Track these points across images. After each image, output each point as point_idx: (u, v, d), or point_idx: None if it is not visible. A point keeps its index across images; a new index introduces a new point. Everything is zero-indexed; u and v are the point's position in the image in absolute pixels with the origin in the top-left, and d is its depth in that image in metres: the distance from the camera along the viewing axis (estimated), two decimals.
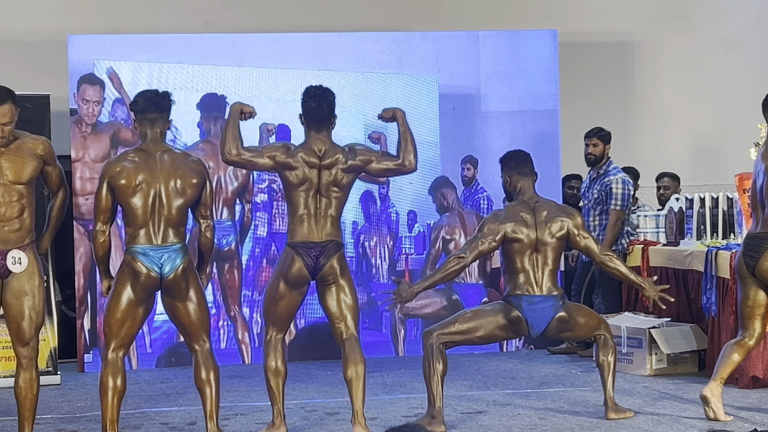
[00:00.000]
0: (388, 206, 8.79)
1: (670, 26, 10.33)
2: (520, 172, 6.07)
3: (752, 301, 5.88)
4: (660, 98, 10.29)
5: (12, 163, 5.33)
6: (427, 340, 5.92)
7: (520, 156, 6.13)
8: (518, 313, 5.90)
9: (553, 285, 5.97)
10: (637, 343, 7.48)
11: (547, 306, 5.91)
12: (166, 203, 5.35)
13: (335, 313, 5.69)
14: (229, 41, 8.69)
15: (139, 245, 5.32)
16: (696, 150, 10.29)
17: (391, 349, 8.67)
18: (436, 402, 5.84)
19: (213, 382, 5.49)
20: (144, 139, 5.49)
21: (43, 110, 7.86)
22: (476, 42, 8.93)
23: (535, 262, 5.95)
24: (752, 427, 5.63)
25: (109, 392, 5.29)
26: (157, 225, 5.35)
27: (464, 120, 8.84)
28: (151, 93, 5.57)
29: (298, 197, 5.66)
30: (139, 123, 5.49)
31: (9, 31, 9.33)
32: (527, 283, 5.93)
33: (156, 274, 5.29)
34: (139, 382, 7.67)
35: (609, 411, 6.00)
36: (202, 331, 5.47)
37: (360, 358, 5.59)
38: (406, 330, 8.70)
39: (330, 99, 5.71)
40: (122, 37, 8.63)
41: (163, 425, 6.16)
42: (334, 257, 5.62)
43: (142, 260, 5.28)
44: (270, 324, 5.75)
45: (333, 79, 8.28)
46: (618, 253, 8.21)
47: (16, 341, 5.34)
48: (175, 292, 5.37)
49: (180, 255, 5.34)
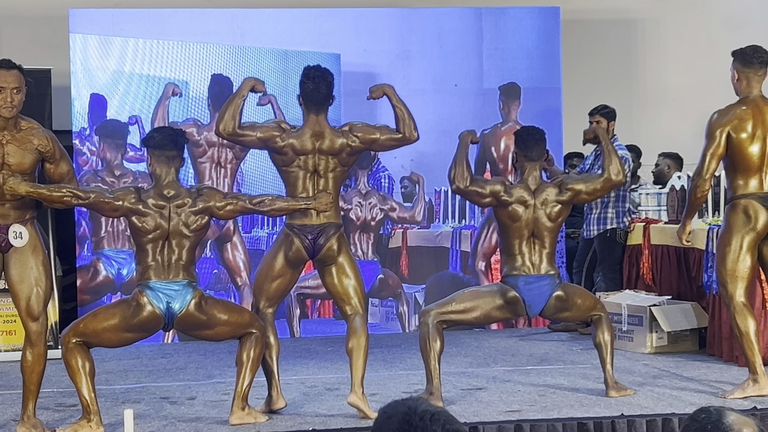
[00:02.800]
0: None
1: (674, 3, 10.29)
2: (528, 156, 6.05)
3: None
4: (663, 76, 10.26)
5: (15, 153, 5.30)
6: (424, 319, 5.93)
7: (531, 139, 6.05)
8: (515, 294, 5.90)
9: (550, 265, 5.97)
10: (637, 321, 7.49)
11: (544, 285, 5.91)
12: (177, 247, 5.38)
13: (338, 293, 5.70)
14: (231, 17, 8.66)
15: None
16: (698, 129, 10.23)
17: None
18: (434, 379, 5.85)
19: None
20: (157, 181, 5.38)
21: (45, 85, 7.84)
22: (479, 18, 8.90)
23: (533, 245, 5.96)
24: (752, 405, 5.64)
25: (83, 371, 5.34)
26: (166, 264, 5.37)
27: (466, 98, 8.82)
28: (167, 129, 5.55)
29: (295, 178, 5.64)
30: (156, 160, 5.39)
31: (10, 6, 9.30)
32: (524, 265, 5.93)
33: (162, 312, 5.32)
34: (140, 356, 7.68)
35: (609, 389, 6.01)
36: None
37: (363, 332, 5.61)
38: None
39: (329, 80, 5.67)
40: (124, 12, 8.60)
41: (163, 399, 6.17)
42: (333, 238, 5.62)
43: (151, 296, 5.33)
44: (263, 299, 5.75)
45: (331, 60, 8.26)
46: (620, 230, 8.22)
47: (26, 316, 5.33)
48: (188, 323, 5.44)
49: (190, 290, 5.36)
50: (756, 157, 5.95)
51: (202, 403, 6.06)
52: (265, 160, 7.93)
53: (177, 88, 8.35)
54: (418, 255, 8.81)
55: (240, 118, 5.58)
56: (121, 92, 8.42)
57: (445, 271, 8.78)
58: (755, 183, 5.96)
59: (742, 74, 6.04)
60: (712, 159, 5.99)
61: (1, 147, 5.30)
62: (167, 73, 8.43)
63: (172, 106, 8.39)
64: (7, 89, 5.24)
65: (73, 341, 5.32)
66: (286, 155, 5.63)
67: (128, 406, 5.78)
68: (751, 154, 5.95)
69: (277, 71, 8.49)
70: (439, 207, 8.83)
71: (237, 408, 5.45)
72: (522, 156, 6.06)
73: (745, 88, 6.04)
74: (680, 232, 6.27)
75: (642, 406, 5.75)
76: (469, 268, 8.72)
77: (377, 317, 8.69)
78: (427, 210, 8.80)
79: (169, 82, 8.37)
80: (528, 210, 5.94)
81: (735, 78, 6.09)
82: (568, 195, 6.02)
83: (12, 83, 5.26)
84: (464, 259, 8.79)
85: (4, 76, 5.26)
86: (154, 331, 5.44)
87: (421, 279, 8.78)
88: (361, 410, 5.52)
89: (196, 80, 8.48)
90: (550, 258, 5.99)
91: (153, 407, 5.97)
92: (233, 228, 8.47)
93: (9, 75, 5.27)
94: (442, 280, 8.67)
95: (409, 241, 8.79)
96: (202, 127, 8.39)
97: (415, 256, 8.80)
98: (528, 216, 5.94)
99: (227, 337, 5.55)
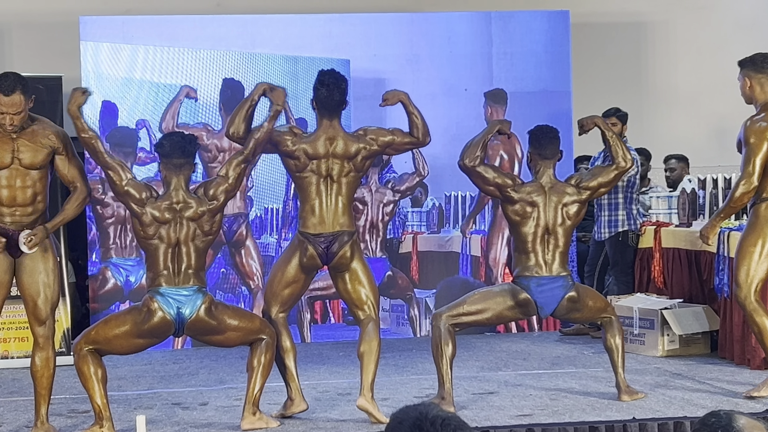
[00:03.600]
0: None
1: (684, 6, 10.28)
2: (542, 154, 6.04)
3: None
4: (673, 79, 10.25)
5: (27, 148, 5.34)
6: (436, 322, 5.93)
7: (545, 137, 6.06)
8: (527, 295, 5.90)
9: (562, 266, 5.95)
10: (649, 324, 7.47)
11: (557, 287, 5.91)
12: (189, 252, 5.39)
13: (351, 299, 5.72)
14: (241, 23, 8.68)
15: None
16: (709, 131, 10.25)
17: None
18: (446, 384, 5.85)
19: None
20: (167, 188, 5.40)
21: (56, 92, 7.87)
22: (489, 22, 8.91)
23: (546, 245, 5.94)
24: (765, 407, 5.63)
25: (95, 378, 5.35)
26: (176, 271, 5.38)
27: (476, 102, 8.82)
28: (177, 137, 5.49)
29: (308, 184, 5.66)
30: (165, 167, 5.42)
31: (22, 13, 9.34)
32: (536, 265, 5.92)
33: (172, 318, 5.33)
34: (152, 362, 7.70)
35: (622, 393, 6.00)
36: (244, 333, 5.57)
37: (375, 336, 5.63)
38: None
39: (342, 87, 5.69)
40: (134, 18, 8.63)
41: (175, 405, 6.19)
42: (346, 245, 5.63)
43: (161, 301, 5.35)
44: (277, 305, 5.76)
45: (342, 63, 8.27)
46: (631, 233, 8.21)
47: (33, 320, 5.37)
48: (200, 329, 5.44)
49: (200, 296, 5.36)
50: None
51: (214, 408, 6.07)
52: (276, 167, 8.00)
53: (193, 92, 8.38)
54: (428, 260, 8.81)
55: (250, 122, 5.61)
56: (131, 99, 8.44)
57: (456, 276, 8.78)
58: None
59: (754, 80, 6.05)
60: (762, 163, 5.96)
61: (12, 142, 5.33)
62: (177, 80, 8.45)
63: (184, 111, 8.41)
64: (7, 114, 5.26)
65: (85, 349, 5.34)
66: (298, 160, 5.64)
67: (140, 411, 5.81)
68: None
69: (287, 77, 8.51)
70: (449, 212, 8.84)
71: (248, 413, 5.47)
72: (536, 155, 6.06)
73: (759, 94, 6.05)
74: (708, 231, 6.23)
75: (654, 409, 5.74)
76: (487, 277, 8.72)
77: (388, 322, 8.69)
78: (438, 215, 8.81)
79: (184, 85, 8.40)
80: (538, 209, 5.93)
81: (747, 85, 6.09)
82: (588, 193, 6.03)
83: (12, 109, 5.25)
84: (474, 263, 8.79)
85: (4, 102, 5.24)
86: (165, 336, 5.46)
87: (432, 284, 8.77)
88: (371, 414, 5.53)
89: (205, 87, 8.49)
90: (563, 257, 5.97)
91: (165, 413, 5.98)
92: (246, 233, 8.49)
93: (9, 101, 5.24)
94: (453, 285, 8.67)
95: (419, 246, 8.80)
96: (214, 133, 8.41)
97: (426, 261, 8.81)
98: (540, 217, 5.93)
99: (238, 342, 5.56)
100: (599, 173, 6.11)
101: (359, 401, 5.55)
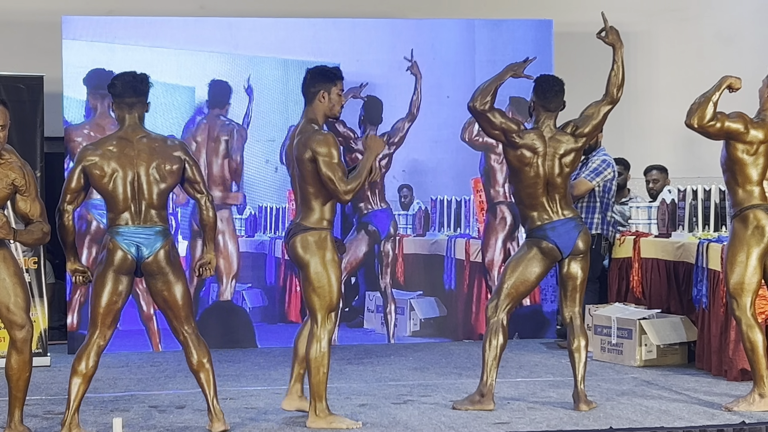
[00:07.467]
0: None
1: (666, 18, 10.32)
2: (545, 107, 6.10)
3: None
4: (654, 90, 10.28)
5: None
6: (489, 315, 6.02)
7: (551, 90, 6.13)
8: (547, 243, 6.00)
9: (569, 209, 6.08)
10: (626, 334, 7.49)
11: (570, 227, 6.02)
12: (146, 190, 5.29)
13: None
14: (225, 25, 8.68)
15: (118, 227, 5.29)
16: (689, 142, 10.26)
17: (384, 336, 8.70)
18: (488, 379, 5.91)
19: (208, 363, 5.47)
20: (122, 124, 5.41)
21: (37, 92, 7.83)
22: (472, 30, 8.93)
23: (548, 195, 6.03)
24: (740, 419, 5.65)
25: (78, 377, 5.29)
26: (137, 210, 5.29)
27: (459, 109, 8.84)
28: (128, 76, 5.44)
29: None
30: (117, 107, 5.42)
31: (3, 11, 9.29)
32: (545, 212, 6.02)
33: (132, 256, 5.27)
34: (129, 365, 7.67)
35: (580, 403, 6.00)
36: (189, 314, 5.45)
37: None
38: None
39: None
40: (117, 19, 8.60)
41: (152, 408, 6.16)
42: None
43: (119, 241, 5.26)
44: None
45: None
46: (604, 241, 8.23)
47: (9, 326, 5.30)
48: (157, 275, 5.35)
49: (160, 238, 5.32)
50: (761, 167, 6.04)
51: (191, 411, 6.05)
52: (271, 165, 8.06)
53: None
54: (413, 262, 8.85)
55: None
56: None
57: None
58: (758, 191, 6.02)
59: None
60: (724, 115, 6.27)
61: None
62: (160, 80, 8.42)
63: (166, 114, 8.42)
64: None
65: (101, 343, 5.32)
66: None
67: (117, 414, 5.78)
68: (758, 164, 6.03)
69: (275, 79, 8.55)
70: (435, 215, 8.87)
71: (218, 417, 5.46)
72: (539, 106, 6.12)
73: None
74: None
75: (631, 419, 5.76)
76: (477, 281, 8.81)
77: (372, 323, 8.74)
78: (423, 218, 8.85)
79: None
80: (539, 158, 5.99)
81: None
82: (583, 140, 6.13)
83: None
84: (458, 266, 8.83)
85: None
86: (132, 274, 5.35)
87: (417, 286, 8.82)
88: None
89: (190, 88, 8.51)
90: (568, 201, 6.08)
91: (142, 416, 5.96)
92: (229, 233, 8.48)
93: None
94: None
95: (404, 248, 8.84)
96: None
97: (411, 263, 8.85)
98: (539, 165, 5.99)
99: (175, 309, 5.40)
100: (592, 115, 6.18)
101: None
